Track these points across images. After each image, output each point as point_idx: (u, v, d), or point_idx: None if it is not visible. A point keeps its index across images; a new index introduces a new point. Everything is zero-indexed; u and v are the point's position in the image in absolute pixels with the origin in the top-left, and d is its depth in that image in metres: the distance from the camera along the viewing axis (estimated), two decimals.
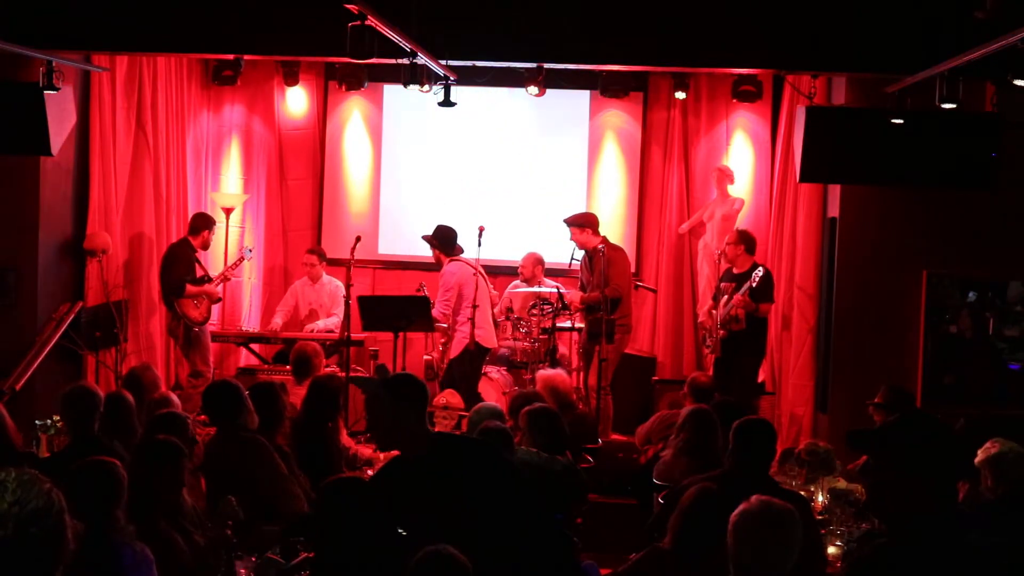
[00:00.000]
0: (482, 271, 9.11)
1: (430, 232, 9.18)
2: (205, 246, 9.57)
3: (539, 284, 9.73)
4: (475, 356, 8.98)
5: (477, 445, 4.43)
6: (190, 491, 4.90)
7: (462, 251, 9.12)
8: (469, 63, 8.22)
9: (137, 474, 4.32)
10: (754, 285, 8.52)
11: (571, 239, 9.09)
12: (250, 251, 10.10)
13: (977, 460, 4.86)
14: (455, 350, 9.00)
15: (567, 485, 5.63)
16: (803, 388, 9.30)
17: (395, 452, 4.16)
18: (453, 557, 3.36)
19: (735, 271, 8.86)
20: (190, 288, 9.17)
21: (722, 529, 3.41)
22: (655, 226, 10.73)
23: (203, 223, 9.50)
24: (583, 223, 9.05)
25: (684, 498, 4.18)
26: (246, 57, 8.97)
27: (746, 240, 8.95)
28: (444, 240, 9.05)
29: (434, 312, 8.86)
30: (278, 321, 10.12)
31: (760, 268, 8.69)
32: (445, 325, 9.10)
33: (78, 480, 3.90)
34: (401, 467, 3.94)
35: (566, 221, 9.19)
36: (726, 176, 10.25)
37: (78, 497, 3.60)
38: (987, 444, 4.88)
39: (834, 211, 8.95)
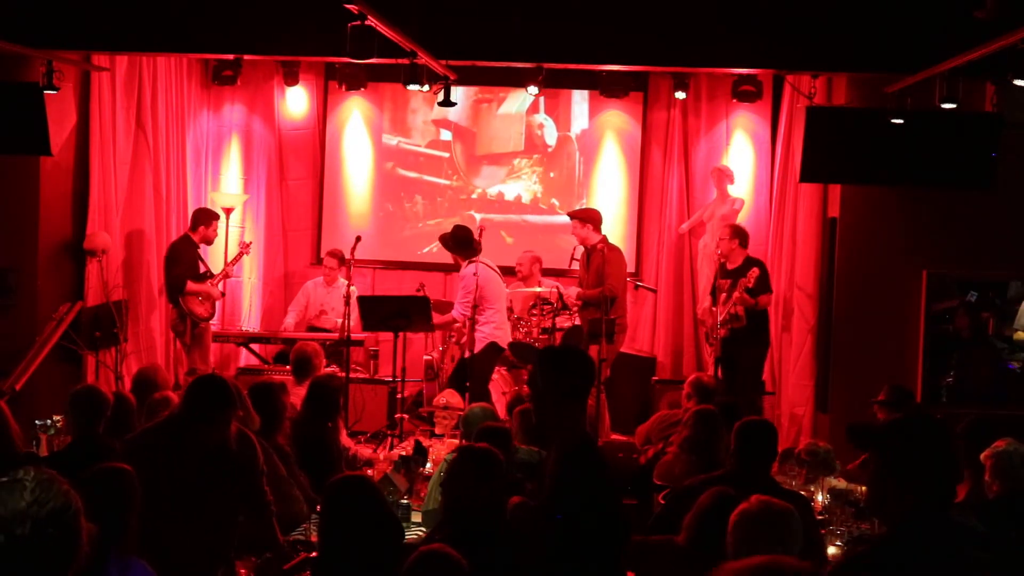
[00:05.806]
0: (499, 271, 9.09)
1: (441, 234, 9.17)
2: (207, 241, 9.56)
3: (537, 284, 9.73)
4: (494, 354, 8.95)
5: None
6: None
7: (480, 250, 9.00)
8: (469, 63, 8.22)
9: None
10: (750, 286, 8.52)
11: (572, 232, 9.12)
12: (249, 244, 10.06)
13: (983, 456, 4.85)
14: (478, 347, 8.83)
15: None
16: (803, 388, 9.28)
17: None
18: (449, 556, 3.34)
19: (728, 267, 8.83)
20: (191, 285, 9.19)
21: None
22: (655, 226, 10.73)
23: (203, 218, 9.49)
24: (585, 218, 9.06)
25: (703, 499, 4.11)
26: (246, 57, 8.99)
27: (739, 234, 8.95)
28: (459, 242, 9.01)
29: (454, 313, 8.83)
30: (290, 321, 10.11)
31: (754, 265, 8.68)
32: (458, 324, 9.05)
33: (93, 486, 3.83)
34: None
35: (569, 214, 9.31)
36: (725, 176, 10.25)
37: (93, 503, 3.57)
38: (997, 442, 4.86)
39: (834, 211, 8.95)
